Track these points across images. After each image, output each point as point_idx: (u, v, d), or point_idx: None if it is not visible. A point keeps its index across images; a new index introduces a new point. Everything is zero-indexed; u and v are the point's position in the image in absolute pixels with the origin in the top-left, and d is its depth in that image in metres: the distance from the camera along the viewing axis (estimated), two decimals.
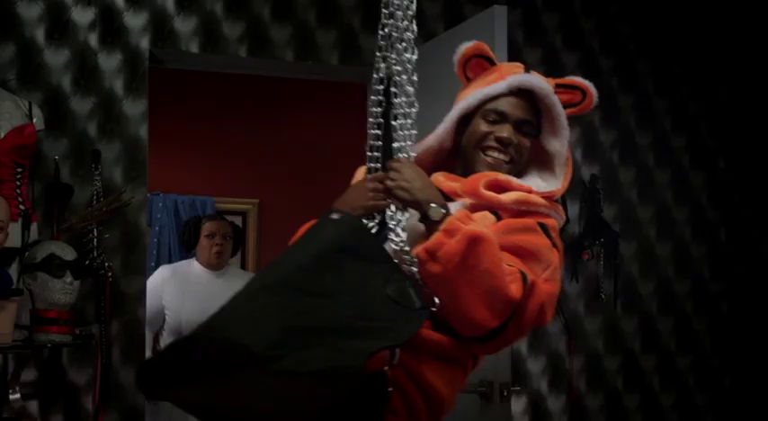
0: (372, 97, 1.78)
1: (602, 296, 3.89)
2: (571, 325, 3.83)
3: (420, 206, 1.62)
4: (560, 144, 1.87)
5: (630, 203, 4.02)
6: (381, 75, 1.77)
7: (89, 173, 3.28)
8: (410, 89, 1.69)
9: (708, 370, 4.07)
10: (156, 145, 3.56)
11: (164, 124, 4.26)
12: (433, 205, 1.60)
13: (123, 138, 3.38)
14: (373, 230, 1.68)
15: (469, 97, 1.85)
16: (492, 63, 1.92)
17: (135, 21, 3.43)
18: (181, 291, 3.81)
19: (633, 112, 4.04)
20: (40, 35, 3.31)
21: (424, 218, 1.61)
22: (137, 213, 3.36)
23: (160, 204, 5.17)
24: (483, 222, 1.67)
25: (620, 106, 4.02)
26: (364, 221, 1.68)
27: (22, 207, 2.98)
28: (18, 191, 2.99)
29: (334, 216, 1.61)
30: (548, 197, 1.80)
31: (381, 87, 1.77)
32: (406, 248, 1.59)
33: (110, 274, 3.13)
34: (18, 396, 2.90)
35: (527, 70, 1.88)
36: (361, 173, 1.88)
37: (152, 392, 1.58)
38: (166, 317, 3.77)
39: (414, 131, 1.70)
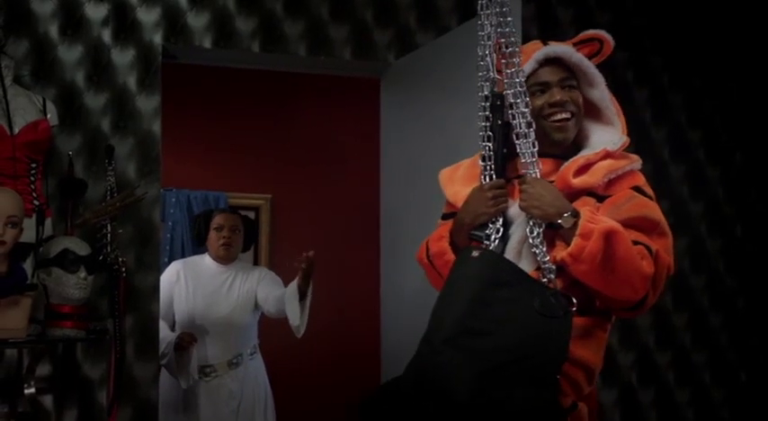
0: (480, 114, 2.00)
1: None
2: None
3: (553, 219, 1.90)
4: (599, 91, 2.12)
5: None
6: (486, 93, 2.00)
7: (103, 168, 3.29)
8: (526, 110, 1.95)
9: (724, 365, 4.04)
10: (168, 140, 3.57)
11: (176, 120, 4.27)
12: (565, 215, 1.88)
13: (136, 134, 3.38)
14: (498, 232, 1.95)
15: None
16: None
17: (148, 16, 3.43)
18: (192, 285, 3.82)
19: (648, 107, 4.01)
20: (53, 31, 3.32)
21: (559, 227, 1.90)
22: (150, 209, 3.37)
23: (173, 200, 5.17)
24: (587, 208, 1.92)
25: (634, 101, 3.99)
26: (489, 225, 1.96)
27: (36, 202, 2.99)
28: (32, 186, 3.00)
29: (475, 254, 1.87)
30: (621, 153, 2.05)
31: (488, 104, 2.00)
32: (546, 259, 1.87)
33: (123, 270, 3.13)
34: (33, 390, 2.91)
35: (545, 43, 2.11)
36: (445, 176, 2.16)
37: None
38: (174, 311, 3.78)
39: (535, 149, 1.96)
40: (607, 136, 2.07)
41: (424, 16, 3.74)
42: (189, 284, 3.81)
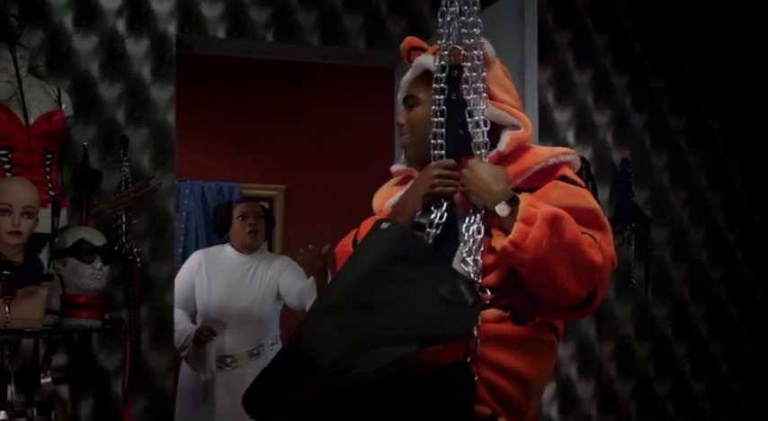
0: (435, 85, 1.83)
1: (632, 282, 3.85)
2: (600, 310, 3.79)
3: (488, 206, 1.71)
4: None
5: (662, 187, 3.96)
6: (444, 63, 1.83)
7: (117, 159, 3.29)
8: (481, 86, 1.79)
9: (741, 356, 4.01)
10: (182, 131, 3.57)
11: (190, 110, 4.27)
12: (501, 203, 1.69)
13: (151, 124, 3.38)
14: (442, 217, 1.75)
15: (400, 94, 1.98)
16: (422, 49, 1.99)
17: (162, 6, 3.42)
18: (213, 276, 3.82)
19: (666, 95, 3.97)
20: (68, 21, 3.32)
21: (495, 216, 1.71)
22: (165, 199, 3.37)
23: (187, 190, 5.18)
24: (526, 194, 1.74)
25: (652, 89, 3.96)
26: (432, 208, 1.76)
27: (51, 193, 2.99)
28: (48, 177, 3.00)
29: (384, 225, 1.71)
30: (523, 145, 1.84)
31: (444, 75, 1.82)
32: (479, 250, 1.71)
33: (138, 260, 3.14)
34: (49, 380, 2.92)
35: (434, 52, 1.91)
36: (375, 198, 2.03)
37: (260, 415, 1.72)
38: (196, 300, 3.79)
39: (487, 128, 1.78)
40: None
41: (438, 5, 3.70)
42: (210, 275, 3.81)
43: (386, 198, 1.98)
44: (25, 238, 2.67)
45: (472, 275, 1.70)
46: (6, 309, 2.63)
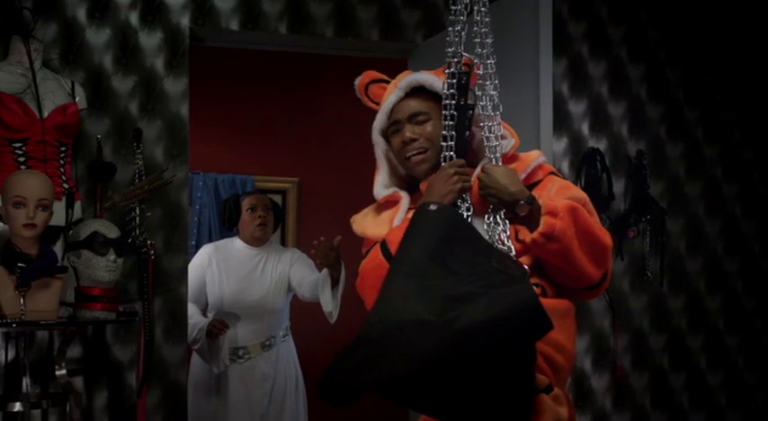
0: (445, 91, 1.95)
1: (648, 274, 3.83)
2: (616, 303, 3.77)
3: (509, 207, 1.89)
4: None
5: (678, 179, 3.94)
6: (453, 69, 1.95)
7: (131, 151, 3.29)
8: (494, 93, 1.94)
9: (758, 349, 3.98)
10: (195, 123, 3.56)
11: (204, 103, 4.26)
12: (521, 203, 1.86)
13: (164, 117, 3.38)
14: (469, 210, 1.90)
15: (377, 117, 2.11)
16: (387, 81, 2.13)
17: None
18: (224, 269, 3.82)
19: (682, 86, 3.94)
20: (81, 14, 3.32)
21: (515, 212, 1.88)
22: (178, 192, 3.37)
23: (200, 183, 5.18)
24: (537, 191, 1.93)
25: (668, 80, 3.93)
26: (458, 203, 1.90)
27: (65, 185, 3.00)
28: (62, 169, 3.01)
29: (433, 207, 1.82)
30: (514, 155, 2.02)
31: (454, 81, 1.95)
32: (507, 241, 1.86)
33: (152, 252, 3.14)
34: (64, 372, 2.93)
35: (414, 71, 2.08)
36: (358, 222, 2.12)
37: (344, 396, 1.73)
38: (207, 294, 3.79)
39: (500, 133, 1.95)
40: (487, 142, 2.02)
41: None
42: (221, 268, 3.82)
43: (381, 224, 2.03)
44: (40, 231, 2.68)
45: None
46: (21, 301, 2.65)
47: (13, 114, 2.89)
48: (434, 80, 2.02)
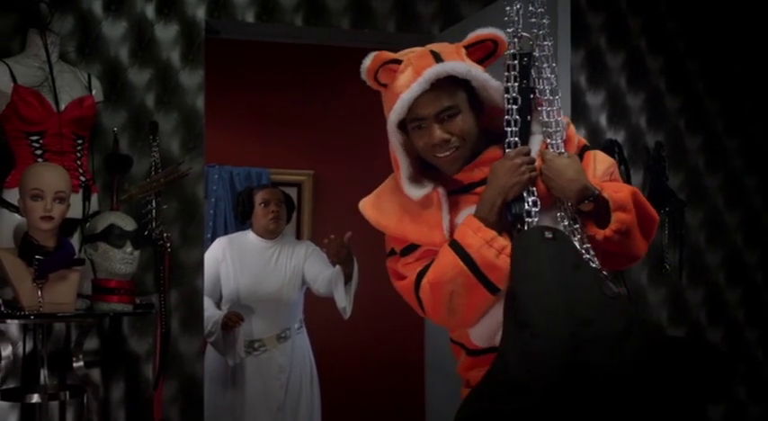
0: (507, 73, 1.84)
1: (666, 267, 3.79)
2: (634, 296, 3.74)
3: (573, 201, 1.80)
4: (498, 92, 1.87)
5: (697, 171, 3.90)
6: (514, 50, 1.84)
7: (147, 144, 3.30)
8: (552, 76, 1.84)
9: None
10: (211, 116, 3.56)
11: (219, 95, 4.26)
12: (586, 201, 1.78)
13: (180, 110, 3.38)
14: (536, 204, 1.79)
15: (395, 109, 1.88)
16: (399, 62, 1.89)
17: None
18: (237, 262, 3.83)
19: (701, 78, 3.90)
20: (97, 7, 3.32)
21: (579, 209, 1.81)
22: (194, 184, 3.37)
23: (216, 176, 5.19)
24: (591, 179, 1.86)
25: (687, 71, 3.88)
26: (524, 195, 1.79)
27: (82, 178, 3.01)
28: (79, 162, 3.02)
29: (548, 235, 1.73)
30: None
31: (515, 62, 1.84)
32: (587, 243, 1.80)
33: (168, 245, 3.15)
34: (81, 363, 2.95)
35: (436, 56, 1.85)
36: (369, 207, 2.03)
37: None
38: (222, 287, 3.80)
39: (560, 118, 1.84)
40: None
41: None
42: (235, 262, 3.82)
43: (423, 224, 1.89)
44: (57, 223, 2.69)
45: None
46: (39, 293, 2.66)
47: (31, 107, 2.90)
48: (468, 68, 1.82)
